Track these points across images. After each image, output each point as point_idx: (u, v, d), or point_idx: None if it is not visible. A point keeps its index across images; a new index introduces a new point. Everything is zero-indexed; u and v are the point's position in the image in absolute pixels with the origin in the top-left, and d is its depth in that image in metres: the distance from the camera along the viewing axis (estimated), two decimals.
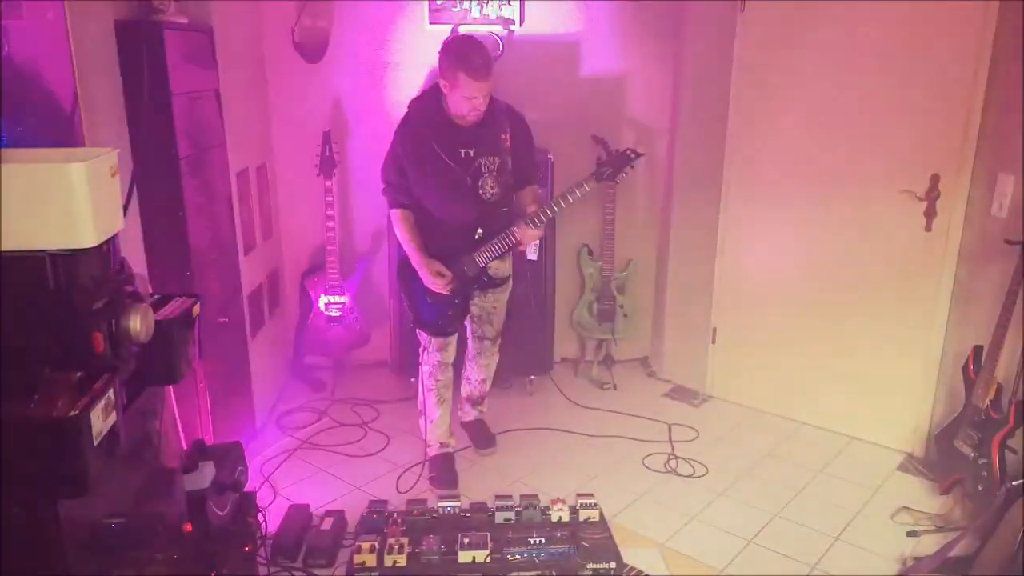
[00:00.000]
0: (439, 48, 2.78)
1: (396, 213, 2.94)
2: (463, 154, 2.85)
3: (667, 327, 4.13)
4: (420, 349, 3.12)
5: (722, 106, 3.60)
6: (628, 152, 2.88)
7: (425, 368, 3.13)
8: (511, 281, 3.18)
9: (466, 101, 2.73)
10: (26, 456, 1.28)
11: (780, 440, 3.53)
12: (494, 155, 2.89)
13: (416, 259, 2.91)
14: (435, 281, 2.90)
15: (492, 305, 3.15)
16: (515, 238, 2.90)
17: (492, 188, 2.90)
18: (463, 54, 2.70)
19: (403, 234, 2.93)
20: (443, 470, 3.14)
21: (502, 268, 3.09)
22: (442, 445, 3.21)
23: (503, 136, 2.90)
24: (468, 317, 3.15)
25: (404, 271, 3.04)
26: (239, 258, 3.21)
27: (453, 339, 3.12)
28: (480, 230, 2.93)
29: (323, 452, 3.38)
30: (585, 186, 2.83)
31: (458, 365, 3.27)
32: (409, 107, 2.95)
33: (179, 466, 2.00)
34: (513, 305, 3.26)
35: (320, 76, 3.82)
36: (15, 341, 1.35)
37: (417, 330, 3.10)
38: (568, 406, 3.84)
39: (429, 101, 2.87)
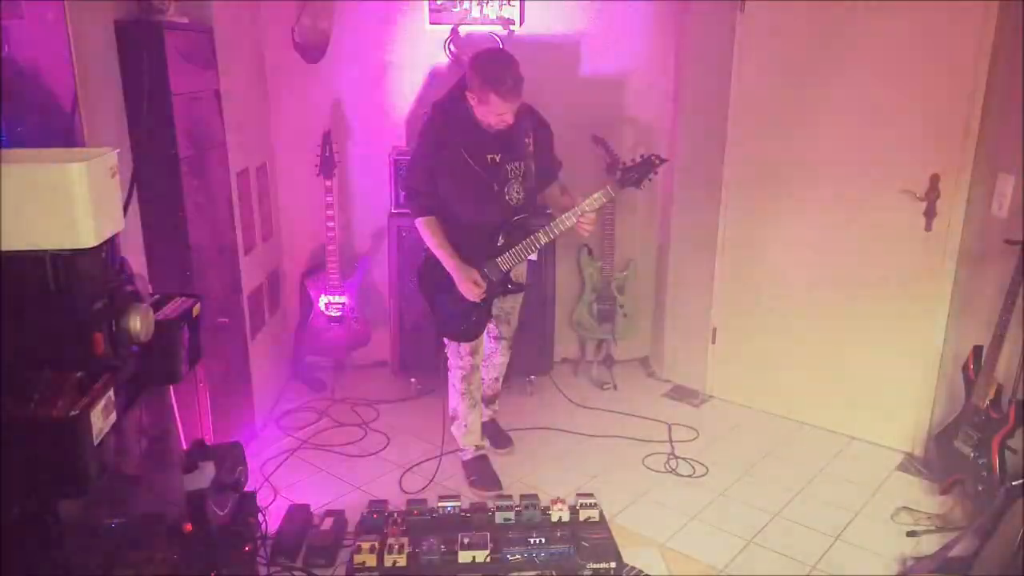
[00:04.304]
0: (469, 61, 2.75)
1: (423, 220, 2.89)
2: (490, 160, 2.83)
3: (667, 327, 4.13)
4: (447, 352, 3.09)
5: (722, 106, 3.60)
6: (653, 158, 2.84)
7: (457, 373, 3.10)
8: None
9: (496, 116, 2.73)
10: (26, 456, 1.28)
11: (780, 440, 3.53)
12: (520, 160, 2.88)
13: (451, 265, 2.86)
14: (471, 288, 2.86)
15: (511, 306, 3.17)
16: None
17: (518, 193, 2.90)
18: (495, 76, 2.66)
19: (434, 241, 2.88)
20: (483, 472, 3.15)
21: (521, 272, 3.08)
22: (476, 448, 3.22)
23: (527, 140, 2.89)
24: None
25: (427, 279, 3.00)
26: (239, 258, 3.21)
27: (481, 340, 3.10)
28: (502, 236, 2.91)
29: (323, 452, 3.38)
30: (610, 190, 2.81)
31: None
32: (433, 109, 2.90)
33: (179, 466, 2.01)
34: None
35: (320, 76, 3.82)
36: (15, 341, 1.35)
37: (444, 338, 3.07)
38: (568, 406, 3.84)
39: (454, 104, 2.83)
